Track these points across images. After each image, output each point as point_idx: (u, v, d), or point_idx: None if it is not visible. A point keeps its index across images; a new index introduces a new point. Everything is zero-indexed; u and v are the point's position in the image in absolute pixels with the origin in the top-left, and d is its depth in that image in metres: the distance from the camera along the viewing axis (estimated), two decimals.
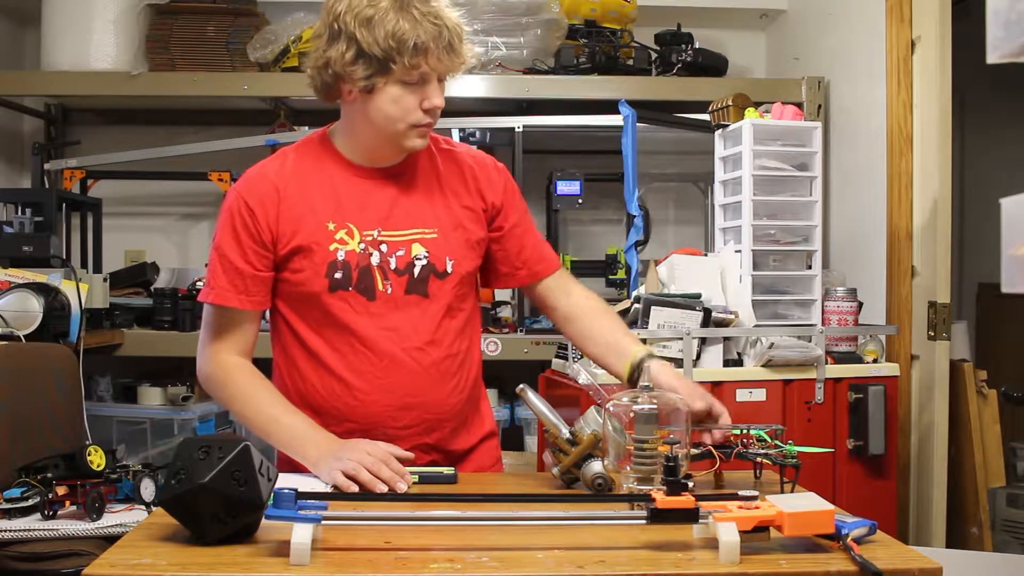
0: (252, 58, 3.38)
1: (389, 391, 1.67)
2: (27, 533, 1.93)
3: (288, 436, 1.64)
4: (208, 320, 1.72)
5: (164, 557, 1.16)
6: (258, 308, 1.70)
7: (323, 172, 1.71)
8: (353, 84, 1.61)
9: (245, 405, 1.68)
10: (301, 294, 1.68)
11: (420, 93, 1.62)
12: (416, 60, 1.57)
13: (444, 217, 1.73)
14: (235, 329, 1.70)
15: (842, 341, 2.56)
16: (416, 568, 1.14)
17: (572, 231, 3.92)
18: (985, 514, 2.68)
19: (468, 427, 1.80)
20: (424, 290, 1.69)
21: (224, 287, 1.67)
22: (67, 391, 2.45)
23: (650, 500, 1.21)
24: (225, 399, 1.71)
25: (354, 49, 1.58)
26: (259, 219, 1.66)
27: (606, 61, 3.38)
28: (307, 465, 1.60)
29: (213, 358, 1.70)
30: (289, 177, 1.69)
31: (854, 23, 3.10)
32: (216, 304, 1.69)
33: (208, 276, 1.70)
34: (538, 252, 1.81)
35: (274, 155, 1.77)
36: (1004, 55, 0.90)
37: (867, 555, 1.16)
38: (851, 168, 3.09)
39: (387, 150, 1.69)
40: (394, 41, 1.55)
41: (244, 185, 1.70)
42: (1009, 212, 0.96)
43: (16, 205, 3.09)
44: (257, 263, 1.67)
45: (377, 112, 1.63)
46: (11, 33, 3.77)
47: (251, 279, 1.67)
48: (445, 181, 1.75)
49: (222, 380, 1.69)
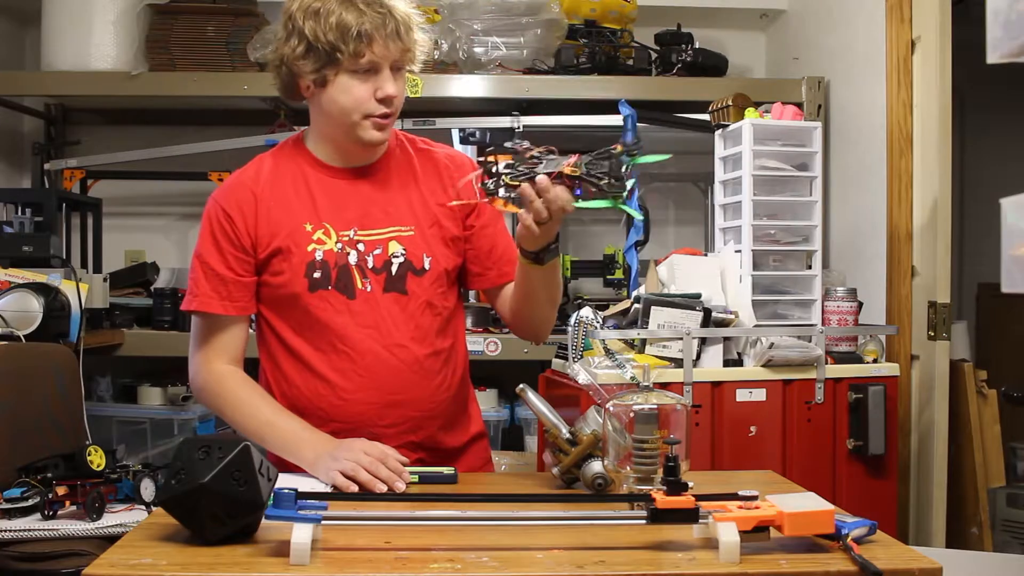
0: (252, 58, 3.38)
1: (373, 389, 1.68)
2: (27, 533, 1.93)
3: (283, 440, 1.64)
4: (196, 330, 1.74)
5: (164, 557, 1.16)
6: (242, 313, 1.72)
7: (298, 174, 1.73)
8: (306, 78, 1.65)
9: (238, 411, 1.69)
10: (282, 296, 1.69)
11: (372, 83, 1.63)
12: (360, 48, 1.59)
13: (421, 214, 1.74)
14: (222, 335, 1.71)
15: (842, 341, 2.56)
16: (416, 568, 1.14)
17: (572, 231, 3.92)
18: (985, 514, 2.68)
19: (456, 426, 1.80)
20: (403, 287, 1.70)
21: (207, 294, 1.69)
22: (67, 391, 2.45)
23: (650, 500, 1.22)
24: (218, 408, 1.73)
25: (304, 43, 1.62)
26: (238, 225, 1.68)
27: (606, 61, 3.38)
28: (304, 467, 1.61)
29: (203, 367, 1.72)
30: (265, 182, 1.72)
31: (854, 23, 3.10)
32: (200, 312, 1.71)
33: (190, 285, 1.72)
34: (509, 254, 1.81)
35: (251, 162, 1.80)
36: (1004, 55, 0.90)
37: (867, 555, 1.16)
38: (851, 168, 3.09)
39: (351, 145, 1.70)
40: (339, 31, 1.58)
41: (222, 193, 1.73)
42: (1009, 212, 0.96)
43: (16, 205, 3.09)
44: (238, 268, 1.69)
45: (331, 104, 1.66)
46: (11, 33, 3.77)
47: (233, 284, 1.69)
48: (421, 179, 1.77)
49: (215, 390, 1.71)
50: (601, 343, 2.34)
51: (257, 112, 3.66)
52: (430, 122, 3.31)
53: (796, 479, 1.97)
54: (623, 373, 2.20)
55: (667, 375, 2.35)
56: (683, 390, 2.35)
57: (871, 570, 1.12)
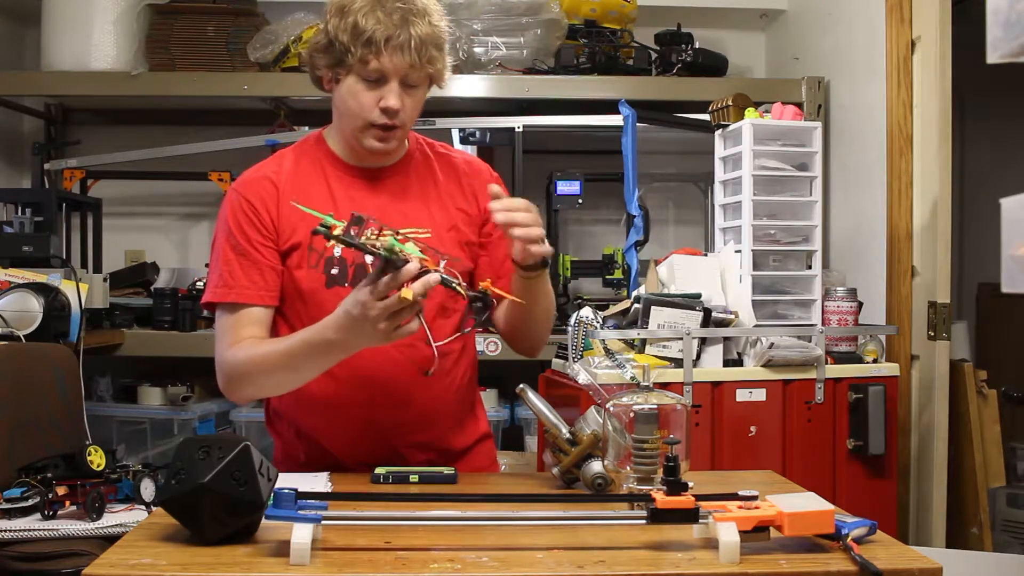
0: (252, 58, 3.38)
1: (382, 388, 1.67)
2: (27, 533, 1.94)
3: (308, 348, 1.55)
4: (226, 324, 1.65)
5: (164, 557, 1.16)
6: (275, 304, 1.67)
7: (319, 171, 1.73)
8: (322, 72, 1.66)
9: (267, 363, 1.59)
10: (298, 291, 1.67)
11: (378, 92, 1.63)
12: (367, 55, 1.59)
13: (439, 217, 1.74)
14: (256, 329, 1.65)
15: (842, 341, 2.56)
16: (416, 568, 1.14)
17: (572, 231, 3.92)
18: (985, 514, 2.68)
19: (463, 427, 1.80)
20: None
21: (244, 285, 1.64)
22: (67, 391, 2.45)
23: (650, 500, 1.22)
24: (250, 378, 1.62)
25: (326, 37, 1.62)
26: (262, 214, 1.67)
27: (606, 61, 3.38)
28: (347, 350, 1.53)
29: (230, 360, 1.63)
30: (287, 176, 1.71)
31: (854, 23, 3.10)
32: (237, 303, 1.64)
33: (223, 277, 1.65)
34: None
35: (271, 157, 1.79)
36: (1004, 55, 0.90)
37: (867, 555, 1.16)
38: (851, 168, 3.09)
39: (359, 148, 1.70)
40: (352, 33, 1.58)
41: (243, 185, 1.71)
42: (1009, 212, 0.96)
43: (16, 205, 3.09)
44: (270, 257, 1.66)
45: (340, 103, 1.67)
46: (11, 33, 3.77)
47: (269, 272, 1.66)
48: (440, 183, 1.77)
49: (240, 371, 1.62)
50: (601, 343, 2.34)
51: (257, 112, 3.66)
52: (430, 122, 3.31)
53: (796, 479, 1.97)
54: (623, 373, 2.20)
55: (667, 375, 2.35)
56: (683, 390, 2.35)
57: (871, 570, 1.12)
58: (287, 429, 1.78)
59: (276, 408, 1.80)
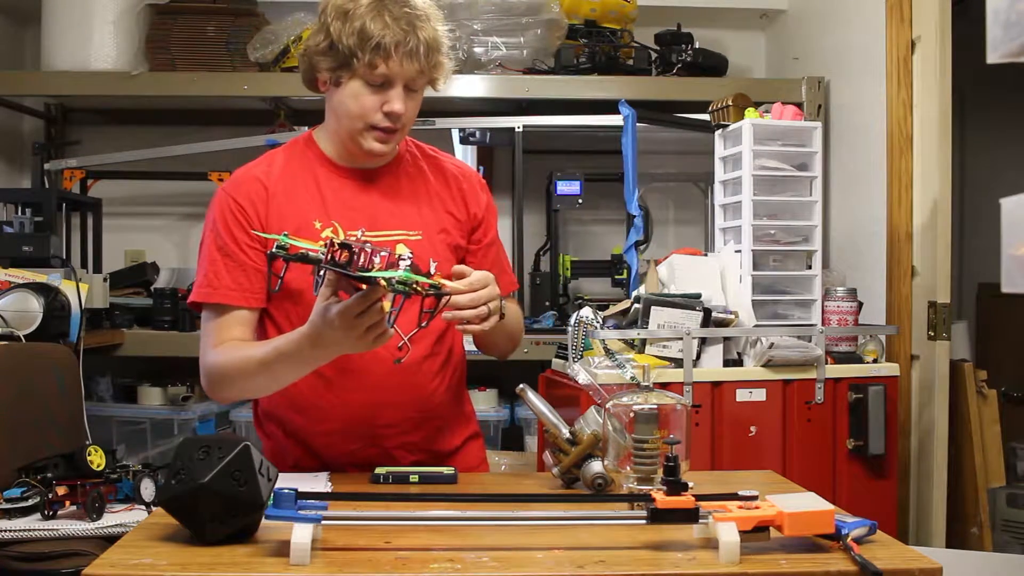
0: (252, 58, 3.38)
1: (371, 390, 1.67)
2: (27, 533, 1.93)
3: (281, 357, 1.55)
4: (211, 326, 1.66)
5: (164, 557, 1.16)
6: (260, 306, 1.68)
7: (309, 172, 1.73)
8: (323, 74, 1.66)
9: (246, 368, 1.59)
10: (287, 292, 1.67)
11: (382, 96, 1.63)
12: (376, 60, 1.59)
13: (429, 220, 1.74)
14: (242, 329, 1.66)
15: (842, 341, 2.56)
16: (416, 568, 1.14)
17: (572, 231, 3.92)
18: (985, 514, 2.68)
19: (453, 427, 1.81)
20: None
21: (228, 286, 1.65)
22: (67, 391, 2.45)
23: (650, 500, 1.22)
24: (231, 381, 1.62)
25: (328, 40, 1.62)
26: (250, 215, 1.67)
27: (606, 61, 3.38)
28: (324, 357, 1.54)
29: (212, 362, 1.65)
30: (277, 177, 1.71)
31: (854, 23, 3.10)
32: (221, 304, 1.65)
33: (208, 277, 1.66)
34: (505, 272, 1.84)
35: (261, 157, 1.79)
36: (1004, 55, 0.90)
37: (867, 555, 1.16)
38: (851, 168, 3.09)
39: (356, 149, 1.70)
40: (360, 37, 1.58)
41: (232, 185, 1.71)
42: (1009, 212, 0.96)
43: (16, 205, 3.09)
44: (256, 258, 1.66)
45: (340, 106, 1.67)
46: (11, 33, 3.77)
47: (254, 274, 1.66)
48: (431, 185, 1.78)
49: (221, 373, 1.63)
50: (601, 343, 2.34)
51: (257, 112, 3.66)
52: (430, 122, 3.31)
53: (796, 479, 1.97)
54: (623, 373, 2.20)
55: (667, 375, 2.35)
56: (683, 390, 2.35)
57: (871, 570, 1.12)
58: (276, 430, 1.78)
59: (265, 408, 1.79)
